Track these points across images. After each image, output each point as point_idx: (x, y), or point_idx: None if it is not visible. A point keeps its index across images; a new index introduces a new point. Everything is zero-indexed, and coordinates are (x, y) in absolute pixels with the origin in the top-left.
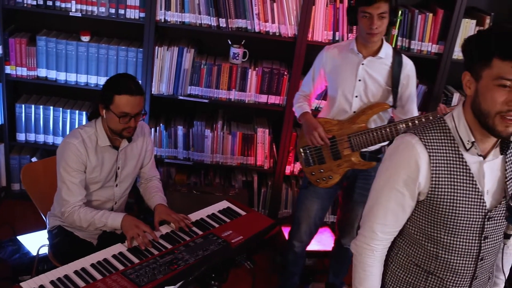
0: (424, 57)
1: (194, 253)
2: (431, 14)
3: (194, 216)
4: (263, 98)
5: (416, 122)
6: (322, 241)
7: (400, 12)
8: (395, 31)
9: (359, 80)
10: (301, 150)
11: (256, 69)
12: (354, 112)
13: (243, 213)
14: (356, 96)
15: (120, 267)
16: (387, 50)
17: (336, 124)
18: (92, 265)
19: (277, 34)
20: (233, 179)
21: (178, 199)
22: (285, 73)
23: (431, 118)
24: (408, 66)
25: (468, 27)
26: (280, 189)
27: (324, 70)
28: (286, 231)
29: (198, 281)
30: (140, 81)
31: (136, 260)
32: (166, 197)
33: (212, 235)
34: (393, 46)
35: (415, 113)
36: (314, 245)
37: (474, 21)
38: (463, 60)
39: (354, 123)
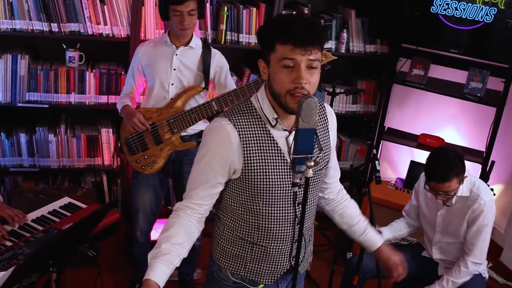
0: (252, 48)
1: (34, 247)
2: (254, 9)
3: (35, 214)
4: (103, 99)
5: (227, 97)
6: None
7: (226, 8)
8: (223, 26)
9: (174, 69)
10: (125, 140)
11: (94, 71)
12: (171, 98)
13: (84, 206)
14: (172, 84)
15: None
16: (197, 42)
17: (155, 111)
18: None
19: (111, 35)
20: (82, 181)
21: (25, 205)
22: (122, 72)
23: (238, 91)
24: (217, 55)
25: None
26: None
27: (141, 65)
28: None
29: (39, 269)
30: None
31: None
32: (12, 205)
33: (53, 229)
34: (223, 40)
35: None
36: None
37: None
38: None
39: (171, 108)
